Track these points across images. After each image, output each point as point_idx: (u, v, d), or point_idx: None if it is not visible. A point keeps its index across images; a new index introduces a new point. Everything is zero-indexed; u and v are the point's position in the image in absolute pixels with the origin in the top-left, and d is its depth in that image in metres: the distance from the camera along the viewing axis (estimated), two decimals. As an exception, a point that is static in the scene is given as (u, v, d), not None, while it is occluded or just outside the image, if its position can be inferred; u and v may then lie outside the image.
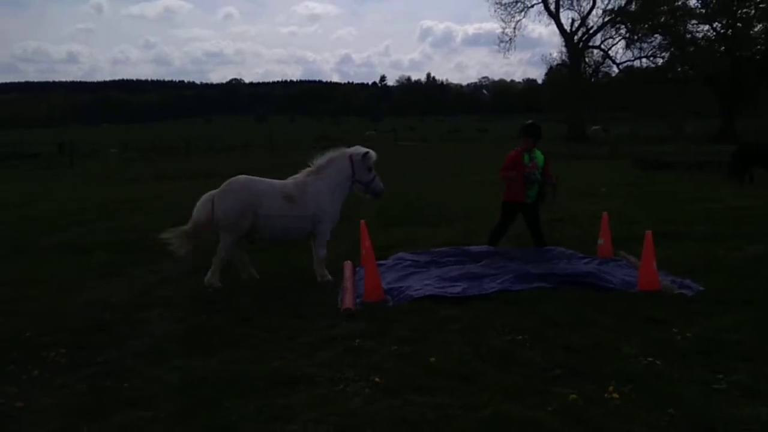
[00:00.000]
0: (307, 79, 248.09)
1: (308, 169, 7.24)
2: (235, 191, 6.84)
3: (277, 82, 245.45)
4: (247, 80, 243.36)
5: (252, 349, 5.06)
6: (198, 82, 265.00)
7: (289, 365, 4.63)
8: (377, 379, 4.25)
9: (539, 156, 7.97)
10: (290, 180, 7.19)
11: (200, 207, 6.99)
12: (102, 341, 5.27)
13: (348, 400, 4.00)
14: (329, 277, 7.04)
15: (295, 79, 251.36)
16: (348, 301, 6.02)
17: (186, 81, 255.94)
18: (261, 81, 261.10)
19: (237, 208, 6.73)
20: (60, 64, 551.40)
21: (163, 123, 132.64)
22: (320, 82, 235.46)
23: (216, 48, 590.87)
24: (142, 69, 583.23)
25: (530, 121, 8.37)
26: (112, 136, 65.89)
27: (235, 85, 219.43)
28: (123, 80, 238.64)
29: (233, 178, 7.05)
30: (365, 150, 7.26)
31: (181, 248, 6.91)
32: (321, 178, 7.08)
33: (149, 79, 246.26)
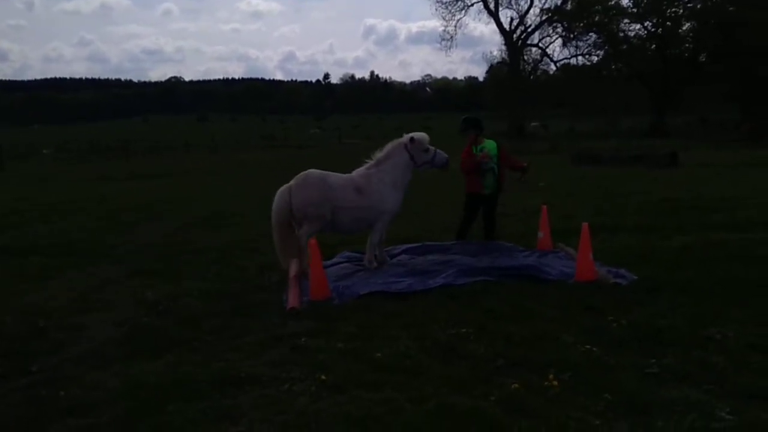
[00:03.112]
0: (249, 77, 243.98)
1: (369, 162, 7.46)
2: (312, 183, 7.02)
3: (219, 80, 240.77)
4: (187, 78, 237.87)
5: (196, 350, 4.97)
6: (136, 80, 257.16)
7: (234, 366, 4.57)
8: (323, 377, 4.25)
9: (490, 145, 8.13)
10: (354, 173, 7.40)
11: (277, 199, 7.13)
12: (37, 348, 5.08)
13: (294, 399, 3.99)
14: (375, 263, 7.27)
15: (237, 77, 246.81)
16: (293, 300, 6.00)
17: (123, 79, 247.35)
18: (202, 79, 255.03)
19: (315, 198, 6.94)
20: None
21: (98, 123, 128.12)
22: (263, 80, 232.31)
23: (155, 45, 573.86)
24: (76, 67, 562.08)
25: (466, 116, 8.57)
26: (44, 137, 63.31)
27: (175, 83, 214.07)
28: (56, 79, 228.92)
29: (308, 171, 7.21)
30: (410, 135, 7.47)
31: (282, 254, 7.07)
32: (382, 170, 7.33)
33: (84, 77, 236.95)
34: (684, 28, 52.69)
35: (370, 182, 7.23)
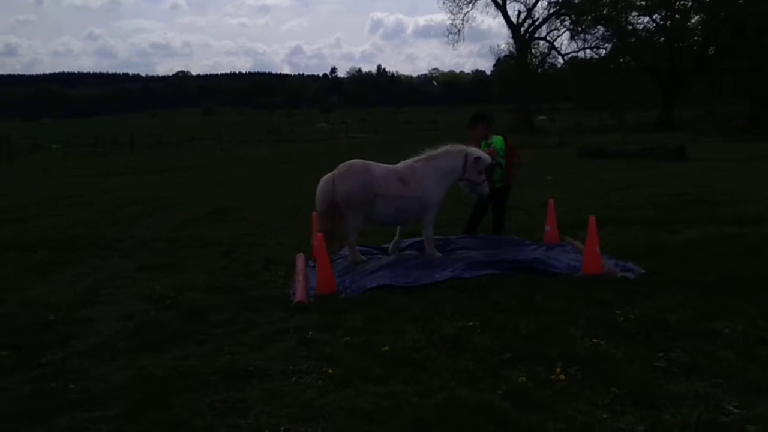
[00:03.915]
0: (257, 71, 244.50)
1: (418, 156, 7.49)
2: (356, 172, 7.08)
3: (226, 74, 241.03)
4: (194, 72, 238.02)
5: (203, 344, 4.99)
6: (143, 74, 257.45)
7: (241, 359, 4.59)
8: (330, 371, 4.26)
9: (497, 140, 8.14)
10: (400, 165, 7.44)
11: (321, 188, 7.19)
12: (46, 342, 5.10)
13: (301, 393, 3.99)
14: (438, 254, 7.31)
15: (244, 71, 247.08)
16: (300, 293, 6.00)
17: (131, 74, 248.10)
18: (210, 73, 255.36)
19: (358, 187, 6.99)
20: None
21: (106, 117, 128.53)
22: (270, 74, 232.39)
23: (162, 40, 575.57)
24: (84, 61, 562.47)
25: (476, 111, 8.59)
26: (52, 131, 63.60)
27: (183, 77, 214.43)
28: (64, 73, 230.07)
29: (352, 161, 7.29)
30: (480, 153, 7.48)
31: (327, 242, 6.92)
32: (430, 165, 7.36)
33: (92, 72, 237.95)
34: (693, 21, 52.29)
35: (415, 174, 7.27)
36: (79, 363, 4.66)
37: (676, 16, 51.05)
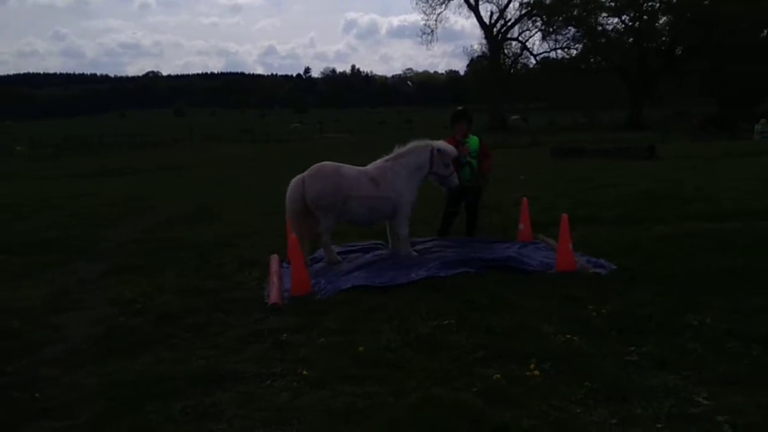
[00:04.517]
0: (229, 71, 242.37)
1: (387, 156, 7.50)
2: (326, 174, 7.08)
3: (198, 74, 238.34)
4: (165, 73, 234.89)
5: (176, 348, 4.91)
6: (112, 75, 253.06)
7: (214, 363, 4.53)
8: (305, 372, 4.22)
9: (473, 141, 8.14)
10: (370, 166, 7.43)
11: (292, 189, 7.18)
12: (10, 349, 4.96)
13: (275, 395, 3.96)
14: (414, 253, 7.30)
15: (216, 72, 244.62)
16: (275, 295, 5.95)
17: (99, 74, 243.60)
18: (181, 74, 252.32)
19: (329, 189, 6.99)
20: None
21: (74, 119, 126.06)
22: (243, 74, 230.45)
23: (132, 39, 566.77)
24: (51, 62, 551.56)
25: (460, 107, 8.54)
26: (17, 134, 62.22)
27: (153, 77, 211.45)
28: (29, 74, 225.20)
29: (322, 163, 7.28)
30: (443, 146, 7.50)
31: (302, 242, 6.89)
32: (399, 164, 7.38)
33: (58, 72, 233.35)
34: (661, 21, 53.32)
35: (386, 174, 7.28)
36: (45, 371, 4.55)
37: (645, 17, 52.01)
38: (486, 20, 55.83)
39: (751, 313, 5.04)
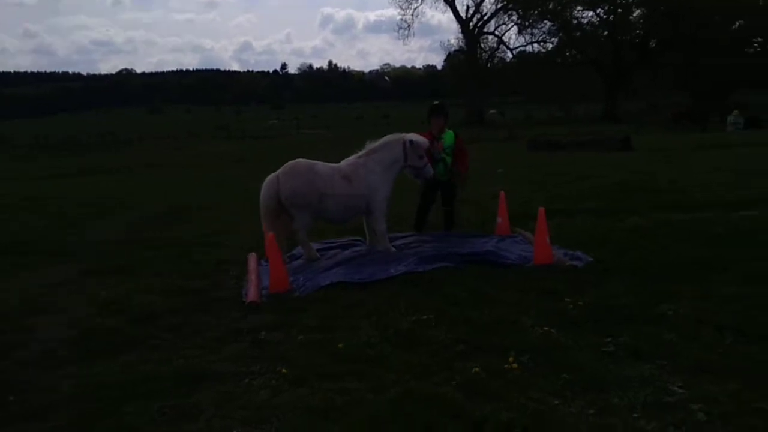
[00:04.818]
0: (204, 67, 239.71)
1: (360, 152, 7.47)
2: (300, 171, 7.06)
3: (173, 71, 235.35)
4: (139, 70, 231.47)
5: (154, 348, 4.86)
6: (85, 73, 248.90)
7: (193, 363, 4.49)
8: (284, 370, 4.22)
9: (448, 136, 8.12)
10: (343, 163, 7.41)
11: (266, 187, 7.15)
12: (-16, 353, 4.88)
13: (254, 394, 3.94)
14: (393, 248, 7.28)
15: (191, 68, 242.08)
16: (253, 293, 5.92)
17: (72, 72, 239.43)
18: (155, 71, 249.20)
19: (303, 186, 6.98)
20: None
21: (46, 118, 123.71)
22: (219, 70, 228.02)
23: (104, 37, 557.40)
24: (20, 60, 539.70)
25: (437, 102, 8.54)
26: (-11, 133, 60.93)
27: (127, 75, 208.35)
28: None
29: (296, 160, 7.24)
30: (415, 137, 7.51)
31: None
32: (372, 159, 7.37)
33: (29, 71, 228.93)
34: (635, 15, 53.97)
35: (359, 171, 7.26)
36: (22, 374, 4.48)
37: (619, 10, 52.60)
38: (462, 14, 56.03)
39: (723, 303, 5.13)
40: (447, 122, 8.24)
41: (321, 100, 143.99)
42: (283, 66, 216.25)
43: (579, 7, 54.19)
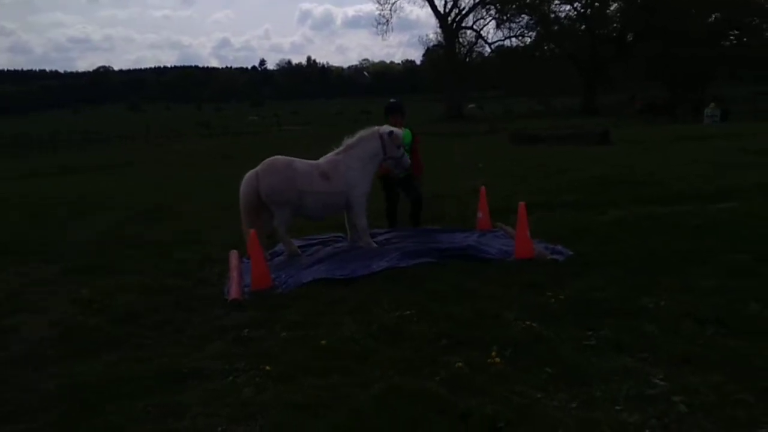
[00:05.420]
0: (182, 64, 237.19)
1: (338, 148, 7.43)
2: (279, 168, 7.04)
3: (151, 68, 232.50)
4: (117, 68, 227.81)
5: (137, 347, 4.82)
6: (62, 71, 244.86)
7: (176, 361, 4.46)
8: (268, 367, 4.20)
9: (405, 133, 8.05)
10: (322, 159, 7.37)
11: (245, 184, 7.13)
12: (-38, 355, 4.80)
13: (239, 391, 3.93)
14: (374, 244, 7.28)
15: (170, 65, 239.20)
16: (235, 291, 5.89)
17: (49, 70, 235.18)
18: (133, 68, 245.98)
19: (281, 183, 6.97)
20: None
21: (23, 117, 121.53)
22: (197, 67, 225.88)
23: (81, 34, 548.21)
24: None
25: (393, 99, 8.57)
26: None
27: (104, 73, 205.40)
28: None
29: (274, 157, 7.24)
30: (390, 128, 7.53)
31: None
32: (351, 155, 7.34)
33: (5, 69, 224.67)
34: (611, 8, 54.38)
35: (338, 168, 7.23)
36: (2, 373, 4.41)
37: (596, 3, 52.98)
38: (441, 9, 56.03)
39: (703, 295, 5.19)
40: (405, 119, 8.26)
41: (300, 96, 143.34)
42: (262, 62, 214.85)
43: (556, 1, 54.55)
